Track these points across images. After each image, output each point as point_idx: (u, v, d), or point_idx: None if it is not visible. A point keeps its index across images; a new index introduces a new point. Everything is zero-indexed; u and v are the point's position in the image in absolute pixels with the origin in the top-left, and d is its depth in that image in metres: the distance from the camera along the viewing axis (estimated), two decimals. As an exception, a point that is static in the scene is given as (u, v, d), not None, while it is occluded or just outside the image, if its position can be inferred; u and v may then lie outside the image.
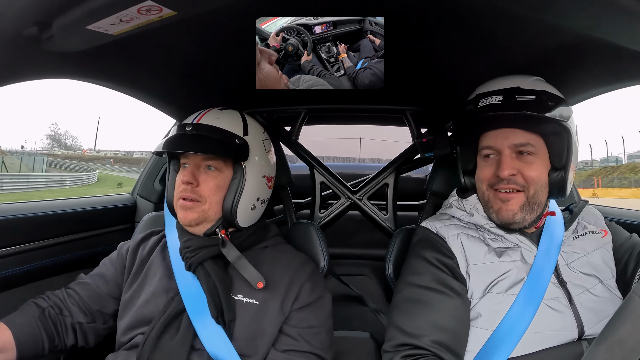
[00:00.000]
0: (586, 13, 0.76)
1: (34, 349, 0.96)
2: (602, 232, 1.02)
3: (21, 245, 1.17)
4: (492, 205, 0.96)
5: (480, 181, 0.98)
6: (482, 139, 0.98)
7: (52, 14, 0.76)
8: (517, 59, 1.08)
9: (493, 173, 0.94)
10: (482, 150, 0.98)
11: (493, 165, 0.95)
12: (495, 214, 0.95)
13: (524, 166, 0.92)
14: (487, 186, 0.96)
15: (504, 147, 0.93)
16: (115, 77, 1.19)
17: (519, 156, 0.93)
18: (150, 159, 1.82)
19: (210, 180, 1.01)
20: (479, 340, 0.88)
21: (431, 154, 1.24)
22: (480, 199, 1.00)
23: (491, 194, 0.96)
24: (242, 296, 0.97)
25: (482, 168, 0.98)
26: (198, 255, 0.98)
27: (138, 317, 0.97)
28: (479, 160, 1.00)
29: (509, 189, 0.93)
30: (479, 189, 1.00)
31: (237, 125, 1.05)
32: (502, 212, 0.94)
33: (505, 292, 0.90)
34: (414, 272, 0.97)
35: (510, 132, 0.93)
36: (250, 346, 0.93)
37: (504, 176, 0.91)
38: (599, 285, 0.92)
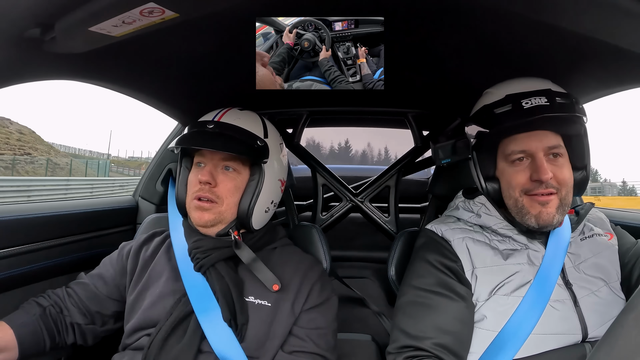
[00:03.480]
0: (588, 15, 0.76)
1: (36, 348, 0.96)
2: (608, 235, 1.02)
3: (23, 246, 1.17)
4: (529, 211, 0.93)
5: (512, 188, 0.94)
6: (509, 143, 0.94)
7: (55, 16, 0.76)
8: (519, 61, 1.07)
9: (527, 178, 0.92)
10: (511, 155, 0.94)
11: (526, 170, 0.93)
12: (534, 219, 0.92)
13: (556, 169, 0.91)
14: (521, 192, 0.93)
15: (538, 150, 0.91)
16: (117, 79, 1.19)
17: (549, 159, 0.92)
18: (152, 160, 1.82)
19: (228, 182, 1.00)
20: (484, 341, 0.88)
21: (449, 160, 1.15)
22: (512, 207, 0.96)
23: (526, 199, 0.93)
24: (254, 298, 0.96)
25: (513, 174, 0.94)
26: (210, 257, 0.97)
27: (144, 319, 0.96)
28: (505, 165, 0.96)
29: (548, 192, 0.91)
30: (509, 196, 0.96)
31: (258, 127, 1.05)
32: (543, 215, 0.91)
33: (511, 294, 0.90)
34: (417, 275, 0.97)
35: (542, 135, 0.92)
36: (259, 348, 0.92)
37: (546, 179, 0.89)
38: (604, 288, 0.92)
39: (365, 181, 1.83)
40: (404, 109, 1.66)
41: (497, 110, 0.94)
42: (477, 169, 1.01)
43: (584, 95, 1.26)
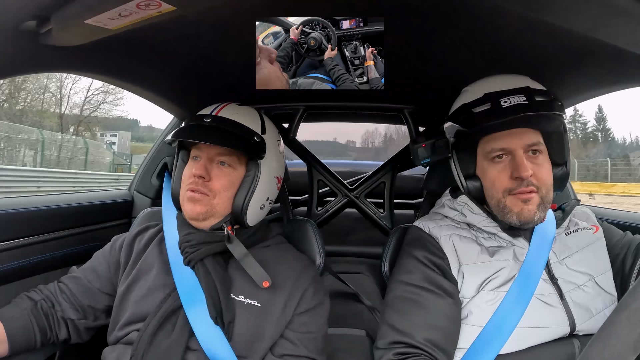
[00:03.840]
0: (584, 14, 0.76)
1: (26, 342, 0.95)
2: (594, 228, 1.03)
3: (16, 240, 1.17)
4: (511, 209, 0.93)
5: (495, 189, 0.94)
6: (489, 141, 0.94)
7: (51, 8, 0.75)
8: (516, 59, 1.08)
9: (509, 177, 0.92)
10: (491, 153, 0.94)
11: (506, 169, 0.93)
12: (515, 216, 0.92)
13: (536, 167, 0.92)
14: (504, 193, 0.93)
15: (517, 148, 0.91)
16: (113, 72, 1.19)
17: (529, 156, 0.92)
18: (147, 154, 1.81)
19: (223, 177, 0.99)
20: (470, 337, 0.89)
21: (428, 160, 1.15)
22: (494, 206, 0.96)
23: (509, 199, 0.93)
24: (244, 297, 0.95)
25: (495, 174, 0.94)
26: (199, 251, 0.96)
27: (134, 312, 0.95)
28: (485, 163, 0.96)
29: (529, 190, 0.91)
30: (491, 196, 0.96)
31: (256, 123, 1.04)
32: (525, 212, 0.91)
33: (497, 289, 0.91)
34: (405, 271, 0.98)
35: (522, 132, 0.92)
36: (248, 348, 0.91)
37: (526, 177, 0.89)
38: (590, 282, 0.94)
39: (360, 177, 1.83)
40: (400, 105, 1.67)
41: (476, 109, 0.93)
42: (458, 168, 1.01)
43: (579, 94, 1.27)
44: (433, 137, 1.13)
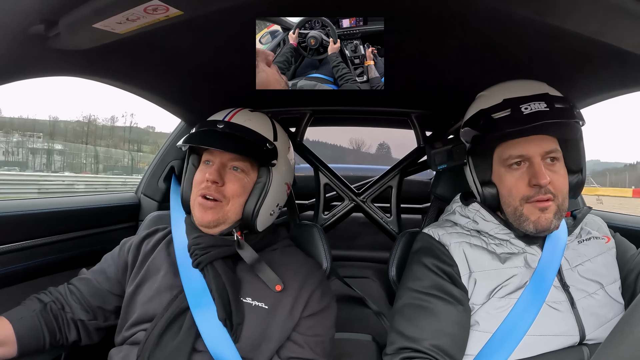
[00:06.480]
0: (592, 18, 0.75)
1: (35, 343, 0.96)
2: (605, 238, 1.02)
3: (24, 241, 1.18)
4: (528, 217, 0.92)
5: (512, 196, 0.93)
6: (506, 147, 0.93)
7: (59, 12, 0.76)
8: (522, 63, 1.07)
9: (526, 185, 0.91)
10: (508, 159, 0.93)
11: (524, 176, 0.92)
12: (532, 225, 0.91)
13: (553, 175, 0.90)
14: (522, 201, 0.92)
15: (535, 155, 0.90)
16: (121, 76, 1.19)
17: (547, 163, 0.91)
18: (155, 157, 1.82)
19: (236, 182, 0.99)
20: (479, 343, 0.88)
21: (444, 165, 1.13)
22: (510, 214, 0.95)
23: (526, 207, 0.92)
24: (251, 299, 0.95)
25: (513, 181, 0.93)
26: (209, 254, 0.97)
27: (142, 313, 0.96)
28: (502, 170, 0.95)
29: (546, 198, 0.90)
30: (508, 204, 0.94)
31: (268, 129, 1.04)
32: (542, 221, 0.90)
33: (507, 296, 0.90)
34: (414, 278, 0.97)
35: (540, 139, 0.91)
36: (254, 350, 0.92)
37: (545, 184, 0.88)
38: (600, 291, 0.92)
39: (367, 181, 1.82)
40: (407, 109, 1.66)
41: (495, 115, 0.92)
42: (474, 174, 1.00)
43: (587, 97, 1.26)
44: (450, 143, 1.11)
